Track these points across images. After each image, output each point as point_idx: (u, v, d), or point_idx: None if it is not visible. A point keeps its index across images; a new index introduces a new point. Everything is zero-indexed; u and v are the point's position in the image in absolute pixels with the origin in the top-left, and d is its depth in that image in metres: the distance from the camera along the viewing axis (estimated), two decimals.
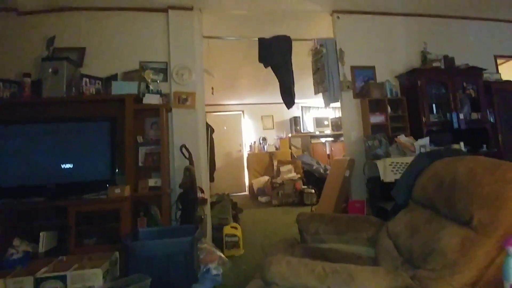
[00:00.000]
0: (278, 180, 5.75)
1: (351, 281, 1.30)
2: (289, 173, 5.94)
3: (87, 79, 3.18)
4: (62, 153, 2.92)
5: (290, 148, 7.16)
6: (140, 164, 3.19)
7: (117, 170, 2.97)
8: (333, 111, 7.73)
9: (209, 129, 4.20)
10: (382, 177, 3.18)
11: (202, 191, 3.17)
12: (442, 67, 3.92)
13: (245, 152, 7.25)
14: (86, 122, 3.04)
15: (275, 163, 6.27)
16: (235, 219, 3.76)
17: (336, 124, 7.49)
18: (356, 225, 2.17)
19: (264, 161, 6.71)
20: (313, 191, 5.54)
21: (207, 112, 4.49)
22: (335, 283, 1.31)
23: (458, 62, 3.99)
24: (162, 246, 2.43)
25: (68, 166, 2.90)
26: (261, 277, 1.41)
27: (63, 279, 2.30)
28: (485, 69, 3.99)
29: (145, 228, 2.84)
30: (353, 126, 3.89)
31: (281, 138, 7.36)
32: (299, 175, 5.94)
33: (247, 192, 6.61)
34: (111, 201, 2.78)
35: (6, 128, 2.89)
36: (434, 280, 1.27)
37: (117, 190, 2.81)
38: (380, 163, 3.22)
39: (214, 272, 2.62)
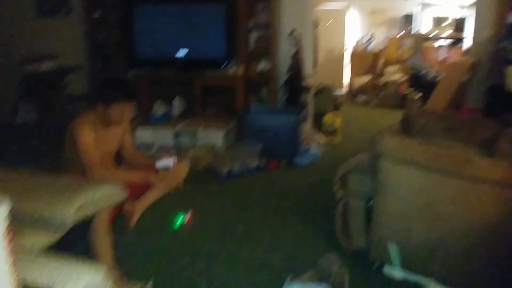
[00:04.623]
0: (381, 80, 5.38)
1: (468, 165, 1.30)
2: (393, 74, 5.46)
3: None
4: (188, 33, 3.20)
5: (398, 49, 6.38)
6: (251, 48, 3.33)
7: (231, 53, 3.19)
8: (458, 10, 6.31)
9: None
10: (508, 86, 2.71)
11: (308, 78, 3.23)
12: None
13: (349, 50, 6.74)
14: (204, 3, 3.19)
15: (380, 63, 5.77)
16: (335, 111, 3.82)
17: (458, 27, 6.21)
18: (472, 124, 1.99)
19: (367, 60, 6.21)
20: (418, 96, 5.09)
21: None
22: (448, 165, 1.32)
23: None
24: (271, 121, 2.74)
25: (192, 44, 3.20)
26: (370, 149, 1.49)
27: (193, 134, 2.88)
28: None
29: (256, 104, 3.16)
30: (484, 24, 3.24)
31: (390, 37, 6.53)
32: (404, 78, 5.44)
33: (345, 91, 6.45)
34: (227, 78, 3.12)
35: (144, 7, 3.24)
36: None
37: (232, 70, 3.10)
38: (511, 70, 2.70)
39: (313, 151, 2.89)
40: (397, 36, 6.54)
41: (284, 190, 2.36)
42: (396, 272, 1.48)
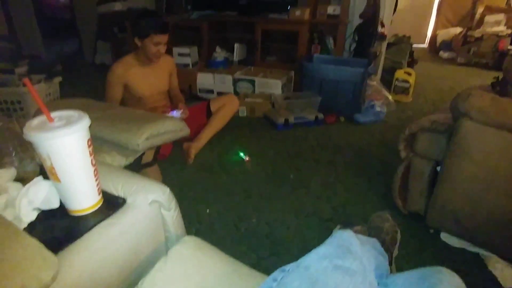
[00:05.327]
0: (476, 33, 4.52)
1: None
2: (496, 25, 4.53)
3: None
4: None
5: None
6: None
7: None
8: None
9: None
10: None
11: (383, 26, 2.85)
12: None
13: None
14: None
15: (480, 10, 4.80)
16: (409, 67, 3.39)
17: None
18: None
19: (463, 7, 5.21)
20: None
21: None
22: None
23: None
24: (334, 72, 2.53)
25: None
26: (453, 107, 1.29)
27: (252, 82, 2.83)
28: None
29: (319, 54, 2.94)
30: None
31: None
32: (509, 31, 4.48)
33: (426, 45, 5.62)
34: (291, 23, 2.90)
35: None
36: None
37: (298, 12, 2.86)
38: None
39: (378, 109, 2.64)
40: None
41: (340, 145, 2.25)
42: (454, 241, 1.39)
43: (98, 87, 2.02)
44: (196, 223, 1.50)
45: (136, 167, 1.35)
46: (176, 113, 1.93)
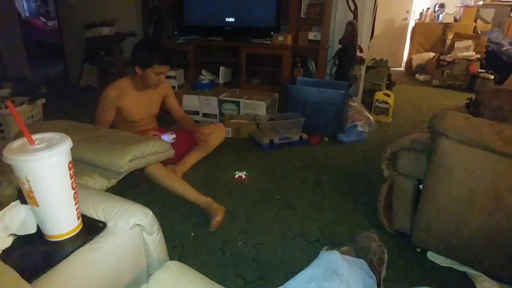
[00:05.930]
0: (448, 57, 4.80)
1: None
2: (465, 50, 4.83)
3: None
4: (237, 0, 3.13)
5: (475, 21, 5.58)
6: (302, 15, 3.15)
7: (280, 21, 3.06)
8: None
9: None
10: None
11: (361, 50, 2.99)
12: None
13: (412, 20, 6.07)
14: None
15: (450, 36, 5.12)
16: (388, 89, 3.54)
17: None
18: None
19: (434, 34, 5.55)
20: (491, 77, 4.46)
21: None
22: None
23: None
24: (317, 94, 2.61)
25: (240, 12, 3.12)
26: (430, 127, 1.34)
27: (237, 103, 2.87)
28: None
29: (302, 77, 3.03)
30: None
31: (466, 6, 5.70)
32: (478, 56, 4.78)
33: (402, 68, 5.89)
34: (274, 47, 3.01)
35: None
36: None
37: (280, 38, 2.97)
38: None
39: (360, 129, 2.72)
40: (476, 5, 5.73)
41: (325, 165, 2.29)
42: (441, 260, 1.40)
43: (83, 109, 2.00)
44: (180, 247, 1.47)
45: (119, 189, 1.32)
46: (167, 138, 1.92)
